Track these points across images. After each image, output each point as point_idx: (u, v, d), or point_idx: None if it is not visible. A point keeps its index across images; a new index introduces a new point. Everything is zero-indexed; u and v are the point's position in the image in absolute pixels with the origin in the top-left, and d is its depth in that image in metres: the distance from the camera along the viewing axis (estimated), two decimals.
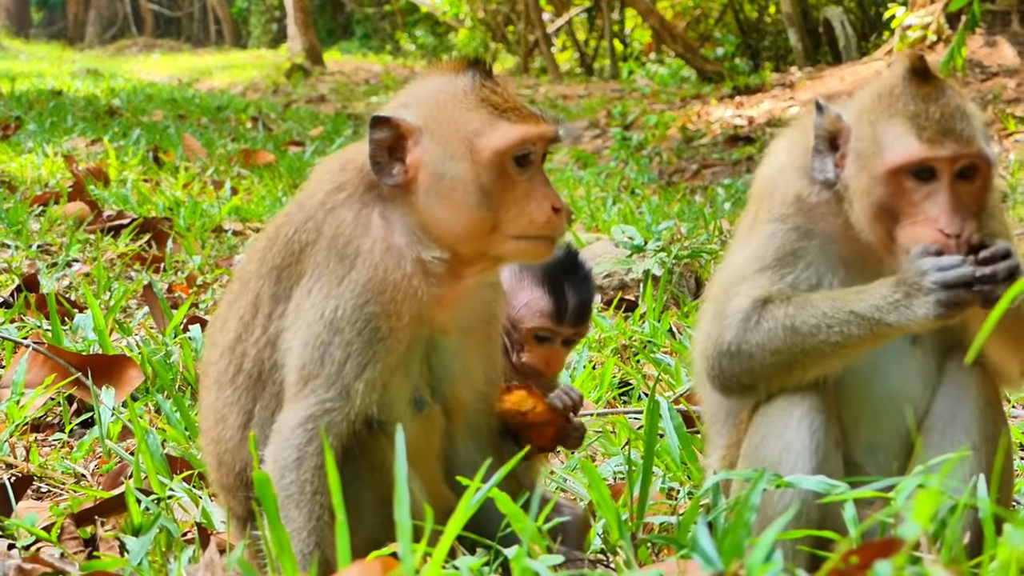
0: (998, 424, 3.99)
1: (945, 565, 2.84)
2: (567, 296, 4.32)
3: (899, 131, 3.82)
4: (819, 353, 3.86)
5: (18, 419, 5.80)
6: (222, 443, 4.05)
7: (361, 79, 37.19)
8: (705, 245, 9.59)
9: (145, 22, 64.48)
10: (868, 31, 28.60)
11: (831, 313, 3.83)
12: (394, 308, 3.85)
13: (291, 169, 15.64)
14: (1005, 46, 20.08)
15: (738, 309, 3.96)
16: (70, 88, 29.00)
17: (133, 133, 18.36)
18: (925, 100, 3.84)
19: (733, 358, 3.96)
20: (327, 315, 3.83)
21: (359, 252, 3.87)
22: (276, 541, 3.30)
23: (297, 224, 3.97)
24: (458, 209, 3.87)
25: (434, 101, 3.93)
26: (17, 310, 7.63)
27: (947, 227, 3.78)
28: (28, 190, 12.61)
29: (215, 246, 10.75)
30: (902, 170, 3.81)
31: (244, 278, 4.08)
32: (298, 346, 3.87)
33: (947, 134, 3.80)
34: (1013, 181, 14.33)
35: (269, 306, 3.98)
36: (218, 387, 4.07)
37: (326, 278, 3.87)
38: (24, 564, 4.14)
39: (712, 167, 18.25)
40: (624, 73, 34.57)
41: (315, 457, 3.79)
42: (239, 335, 4.03)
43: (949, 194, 3.80)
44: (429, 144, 3.89)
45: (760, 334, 3.91)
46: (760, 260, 4.01)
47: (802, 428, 3.90)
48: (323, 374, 3.83)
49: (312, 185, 4.06)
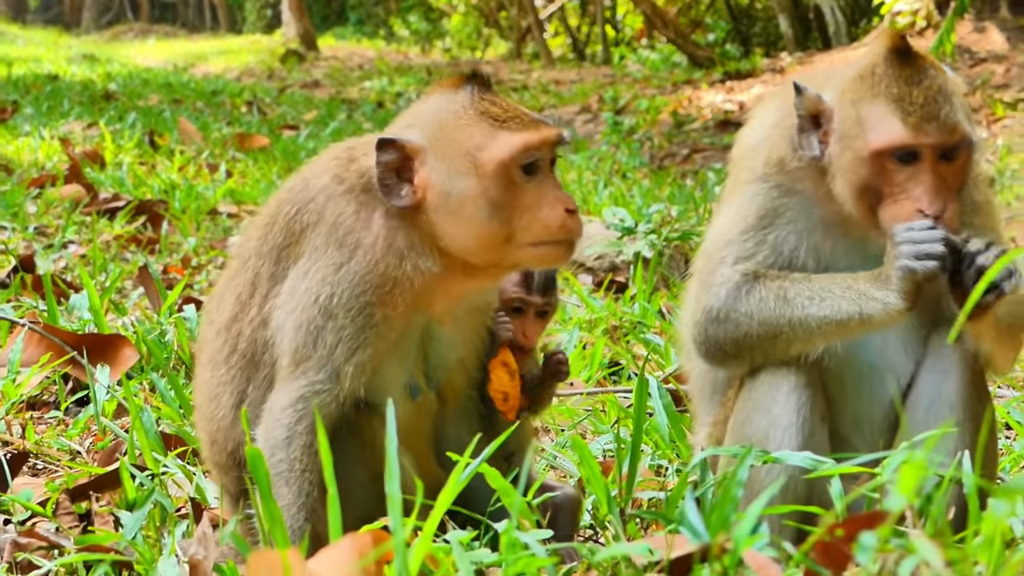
0: (983, 401, 3.99)
1: (930, 538, 2.85)
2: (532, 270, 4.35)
3: (883, 113, 3.80)
4: (807, 328, 3.86)
5: (14, 397, 5.80)
6: (215, 421, 4.05)
7: (355, 64, 37.10)
8: (695, 228, 9.57)
9: (141, 8, 64.34)
10: (858, 17, 28.56)
11: (823, 294, 3.83)
12: (390, 299, 3.85)
13: (285, 153, 15.61)
14: (994, 32, 20.08)
15: (727, 278, 3.96)
16: (66, 73, 28.95)
17: (129, 117, 18.33)
18: (908, 82, 3.81)
19: (721, 325, 3.95)
20: (322, 300, 3.83)
21: (359, 244, 3.86)
22: (268, 516, 3.30)
23: (300, 204, 3.95)
24: (470, 224, 3.84)
25: (436, 119, 3.90)
26: (13, 290, 7.62)
27: (928, 207, 3.77)
28: (25, 173, 12.60)
29: (210, 228, 10.74)
30: (886, 152, 3.80)
31: (244, 255, 4.06)
32: (291, 328, 3.86)
33: (931, 120, 3.77)
34: (1001, 166, 14.33)
35: (267, 286, 3.97)
36: (213, 366, 4.06)
37: (323, 263, 3.86)
38: (20, 538, 4.14)
39: (703, 151, 18.24)
40: (616, 58, 34.52)
41: (304, 436, 3.79)
42: (235, 314, 4.02)
43: (931, 175, 3.79)
44: (435, 163, 3.86)
45: (750, 304, 3.91)
46: (743, 220, 4.00)
47: (788, 404, 3.90)
48: (315, 357, 3.82)
49: (319, 166, 4.04)
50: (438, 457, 4.11)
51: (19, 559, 3.98)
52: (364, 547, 3.03)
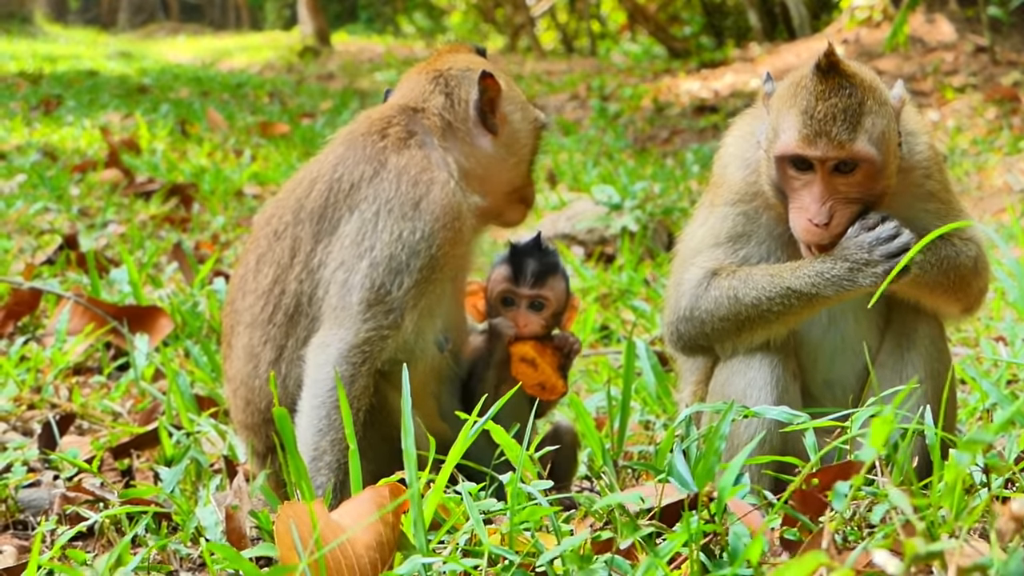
0: (943, 361, 3.96)
1: (897, 485, 2.82)
2: (524, 263, 4.30)
3: (790, 123, 3.73)
4: (763, 320, 3.84)
5: (61, 364, 5.78)
6: (254, 380, 3.94)
7: (366, 58, 36.93)
8: (676, 203, 9.56)
9: (171, 8, 64.09)
10: (819, 10, 28.43)
11: (769, 288, 3.79)
12: (460, 237, 3.86)
13: (304, 139, 15.56)
14: (943, 23, 19.95)
15: (692, 278, 3.94)
16: (105, 68, 28.82)
17: (162, 108, 18.27)
18: (819, 97, 3.70)
19: (689, 322, 3.94)
20: (405, 236, 3.77)
21: (433, 180, 3.85)
22: (295, 471, 3.28)
23: (348, 164, 3.90)
24: (518, 163, 4.12)
25: (505, 71, 4.16)
26: (60, 266, 7.60)
27: (815, 216, 3.72)
28: (68, 160, 12.56)
29: (236, 208, 10.69)
30: (784, 159, 3.74)
31: (273, 230, 3.97)
32: (366, 268, 3.76)
33: (822, 135, 3.68)
34: (951, 144, 14.30)
35: (310, 244, 3.87)
36: (252, 328, 3.95)
37: (397, 203, 3.79)
38: (68, 492, 4.12)
39: (681, 134, 18.16)
40: (601, 51, 34.37)
41: (365, 378, 3.74)
42: (277, 277, 3.91)
43: (821, 186, 3.72)
44: (510, 106, 4.11)
45: (708, 301, 3.89)
46: (715, 237, 3.98)
47: (763, 365, 3.87)
48: (389, 299, 3.75)
49: (346, 140, 3.99)
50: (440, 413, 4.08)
51: (68, 511, 3.95)
52: (382, 499, 3.00)
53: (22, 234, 9.01)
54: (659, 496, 3.12)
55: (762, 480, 3.79)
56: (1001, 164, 12.73)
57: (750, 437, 3.79)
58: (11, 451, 4.57)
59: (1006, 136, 14.23)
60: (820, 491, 2.98)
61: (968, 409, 4.95)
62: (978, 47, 18.78)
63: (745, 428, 3.84)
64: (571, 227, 9.01)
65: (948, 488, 2.83)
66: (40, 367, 5.76)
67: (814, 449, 3.43)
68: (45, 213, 9.84)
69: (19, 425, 5.16)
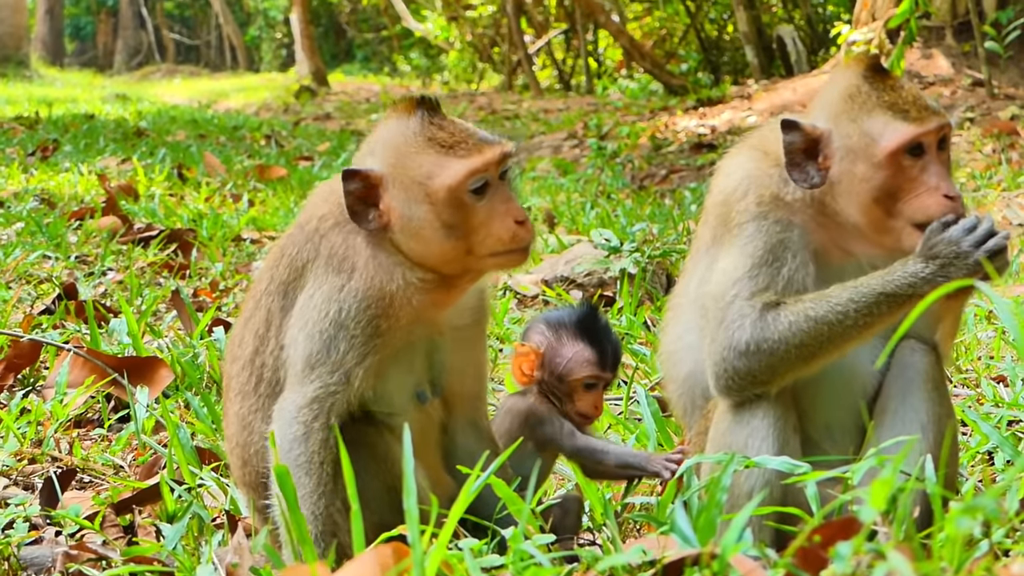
0: (944, 405, 3.97)
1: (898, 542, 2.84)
2: (605, 345, 4.34)
3: (886, 119, 3.85)
4: (844, 337, 3.79)
5: (62, 416, 5.80)
6: (249, 447, 4.04)
7: (362, 98, 37.12)
8: (675, 245, 9.58)
9: (167, 50, 64.41)
10: (817, 47, 28.60)
11: (857, 298, 3.77)
12: (392, 312, 3.87)
13: (302, 182, 15.59)
14: (940, 58, 20.09)
15: (746, 311, 3.83)
16: (101, 112, 28.93)
17: (159, 152, 18.31)
18: (893, 89, 3.90)
19: (752, 357, 3.80)
20: (332, 315, 3.84)
21: (355, 267, 3.89)
22: (296, 529, 3.30)
23: (299, 244, 3.99)
24: (430, 244, 3.86)
25: (392, 147, 3.90)
26: (59, 316, 7.61)
27: (949, 191, 3.83)
28: (66, 206, 12.59)
29: (235, 254, 10.72)
30: (899, 151, 3.83)
31: (256, 296, 4.08)
32: (304, 339, 3.86)
33: (925, 109, 3.87)
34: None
35: (279, 318, 3.99)
36: (242, 397, 4.06)
37: (327, 286, 3.88)
38: (71, 551, 4.14)
39: (679, 172, 18.22)
40: (599, 88, 34.51)
41: (321, 432, 3.79)
42: (256, 348, 4.03)
43: (938, 163, 3.87)
44: (394, 190, 3.86)
45: (780, 328, 3.78)
46: (750, 257, 3.89)
47: (765, 417, 3.87)
48: (328, 362, 3.82)
49: (307, 211, 4.08)
50: (446, 465, 4.11)
51: (71, 570, 3.97)
52: (385, 560, 3.02)
53: (20, 283, 9.04)
54: (661, 550, 3.14)
55: (763, 531, 3.80)
56: (1000, 199, 12.78)
57: (750, 488, 3.81)
58: (13, 507, 4.59)
59: (1004, 171, 14.28)
60: (822, 547, 3.00)
61: (970, 453, 4.97)
62: (975, 81, 18.90)
63: (745, 479, 3.86)
64: (570, 271, 9.05)
65: (949, 541, 2.85)
66: (41, 420, 5.78)
67: (815, 500, 3.45)
68: (43, 261, 9.87)
69: (20, 480, 5.18)
